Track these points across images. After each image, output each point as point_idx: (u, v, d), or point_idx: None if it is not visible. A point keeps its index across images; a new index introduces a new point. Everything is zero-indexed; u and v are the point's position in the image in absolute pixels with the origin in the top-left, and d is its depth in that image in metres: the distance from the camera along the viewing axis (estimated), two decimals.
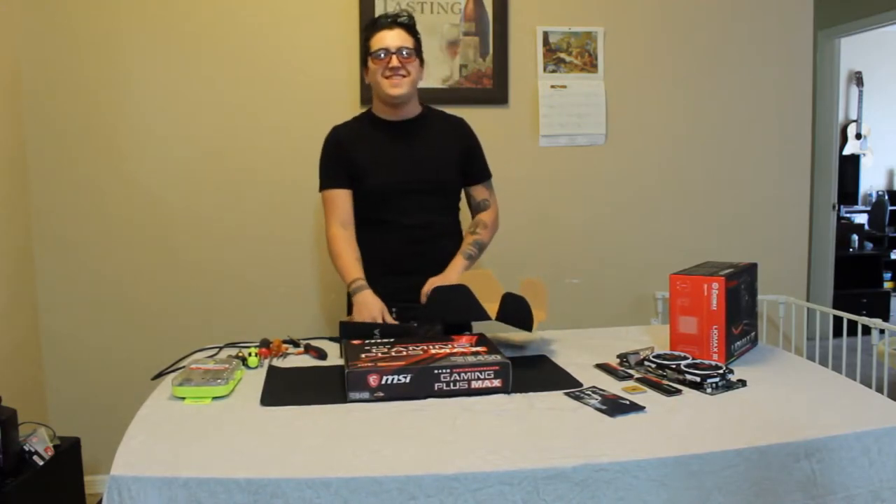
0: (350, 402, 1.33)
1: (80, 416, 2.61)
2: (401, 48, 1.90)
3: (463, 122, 2.11)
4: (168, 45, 2.58)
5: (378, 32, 1.93)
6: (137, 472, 1.05)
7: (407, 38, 1.93)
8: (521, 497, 1.05)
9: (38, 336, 2.62)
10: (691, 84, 2.85)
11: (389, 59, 1.90)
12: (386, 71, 1.91)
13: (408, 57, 1.91)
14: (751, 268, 1.69)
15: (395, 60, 1.89)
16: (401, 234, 1.98)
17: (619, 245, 2.86)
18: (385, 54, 1.90)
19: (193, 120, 2.62)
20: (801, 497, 1.14)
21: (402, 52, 1.90)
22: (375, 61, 1.92)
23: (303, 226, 2.70)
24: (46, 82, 2.54)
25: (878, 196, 6.59)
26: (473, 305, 1.65)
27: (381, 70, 1.91)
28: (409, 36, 1.94)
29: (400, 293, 1.73)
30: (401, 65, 1.89)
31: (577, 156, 2.81)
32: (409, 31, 1.95)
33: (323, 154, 2.03)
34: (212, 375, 1.41)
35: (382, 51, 1.90)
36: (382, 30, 1.92)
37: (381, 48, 1.91)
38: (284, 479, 1.04)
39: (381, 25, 1.94)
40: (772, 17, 2.87)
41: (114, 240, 2.62)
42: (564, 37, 2.76)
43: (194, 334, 2.48)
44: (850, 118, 6.45)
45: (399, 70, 1.90)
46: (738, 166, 2.91)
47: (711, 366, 1.45)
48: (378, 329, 1.69)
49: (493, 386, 1.38)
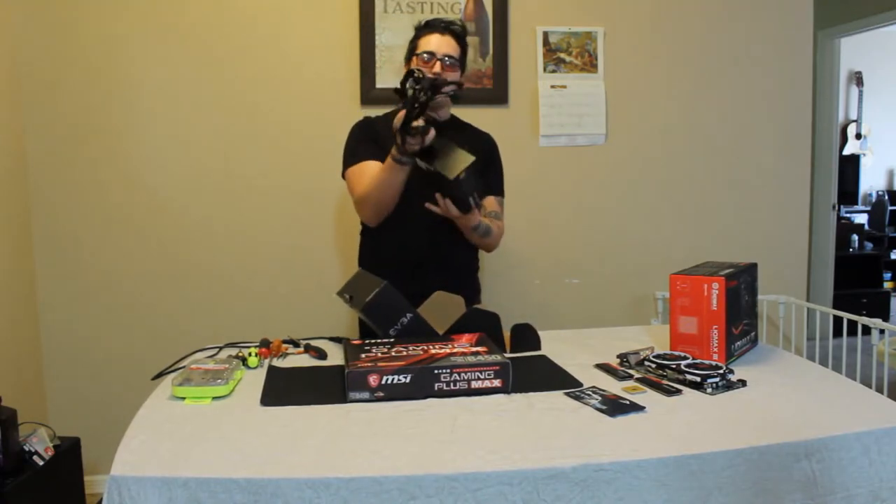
0: (350, 402, 1.33)
1: (80, 416, 2.61)
2: (446, 55, 1.91)
3: (492, 137, 2.13)
4: (169, 43, 2.58)
5: (428, 35, 1.93)
6: (137, 472, 1.05)
7: (455, 46, 1.93)
8: (520, 497, 1.05)
9: (38, 336, 2.62)
10: (691, 84, 2.85)
11: (433, 64, 1.90)
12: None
13: (450, 66, 1.92)
14: (751, 268, 1.69)
15: (438, 66, 1.90)
16: (420, 232, 1.97)
17: (619, 245, 2.86)
18: (429, 57, 1.91)
19: (194, 119, 2.62)
20: (801, 497, 1.14)
21: (445, 60, 1.91)
22: (419, 61, 1.93)
23: (303, 226, 2.70)
24: (47, 81, 2.54)
25: (878, 196, 6.59)
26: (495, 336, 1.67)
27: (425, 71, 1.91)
28: (458, 45, 1.95)
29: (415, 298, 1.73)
30: (441, 71, 1.90)
31: (577, 156, 2.81)
32: (459, 40, 1.95)
33: (352, 136, 2.02)
34: (212, 375, 1.41)
35: (427, 53, 1.91)
36: (434, 33, 1.93)
37: (427, 50, 1.91)
38: (284, 479, 1.04)
39: (434, 28, 1.94)
40: (772, 17, 2.87)
41: (114, 240, 2.62)
42: (564, 37, 2.76)
43: (194, 334, 2.49)
44: (850, 118, 6.45)
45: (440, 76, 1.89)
46: (738, 166, 2.91)
47: (711, 366, 1.45)
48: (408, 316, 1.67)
49: (493, 386, 1.38)
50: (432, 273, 1.97)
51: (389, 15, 2.60)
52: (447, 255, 2.03)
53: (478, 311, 1.76)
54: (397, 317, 1.63)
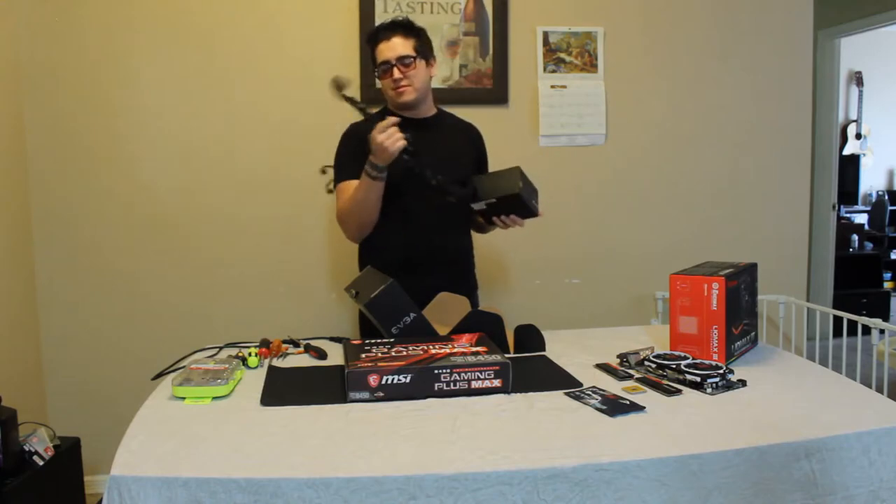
0: (350, 402, 1.34)
1: (80, 416, 2.61)
2: (401, 58, 1.91)
3: (475, 127, 2.16)
4: (169, 42, 2.58)
5: (378, 45, 1.94)
6: (137, 472, 1.05)
7: (405, 43, 1.92)
8: (520, 497, 1.05)
9: (38, 336, 2.62)
10: (691, 84, 2.85)
11: (392, 72, 1.91)
12: (391, 83, 1.93)
13: (408, 65, 1.92)
14: (751, 268, 1.69)
15: (397, 72, 1.91)
16: (417, 226, 1.98)
17: (619, 245, 2.86)
18: (387, 67, 1.92)
19: (193, 119, 2.62)
20: (800, 497, 1.14)
21: (402, 62, 1.91)
22: (382, 76, 1.95)
23: (303, 226, 2.70)
24: (47, 77, 2.54)
25: (878, 196, 6.59)
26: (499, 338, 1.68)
27: (388, 82, 1.94)
28: (408, 39, 1.93)
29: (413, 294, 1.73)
30: (403, 75, 1.91)
31: (577, 156, 2.81)
32: (408, 33, 1.94)
33: (341, 148, 2.03)
34: (212, 375, 1.42)
35: (384, 63, 1.92)
36: (381, 42, 1.93)
37: (382, 61, 1.92)
38: (284, 479, 1.04)
39: (381, 37, 1.94)
40: (772, 17, 2.87)
41: (115, 239, 2.62)
42: (564, 37, 2.76)
43: (194, 334, 2.49)
44: (850, 118, 6.45)
45: (402, 81, 1.91)
46: (738, 166, 2.91)
47: (711, 366, 1.45)
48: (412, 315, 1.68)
49: (493, 386, 1.38)
50: (431, 270, 1.98)
51: (389, 15, 2.60)
52: (445, 252, 2.04)
53: (481, 312, 1.76)
54: (400, 315, 1.64)
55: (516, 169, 1.87)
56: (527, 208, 1.88)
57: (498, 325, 1.71)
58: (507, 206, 1.87)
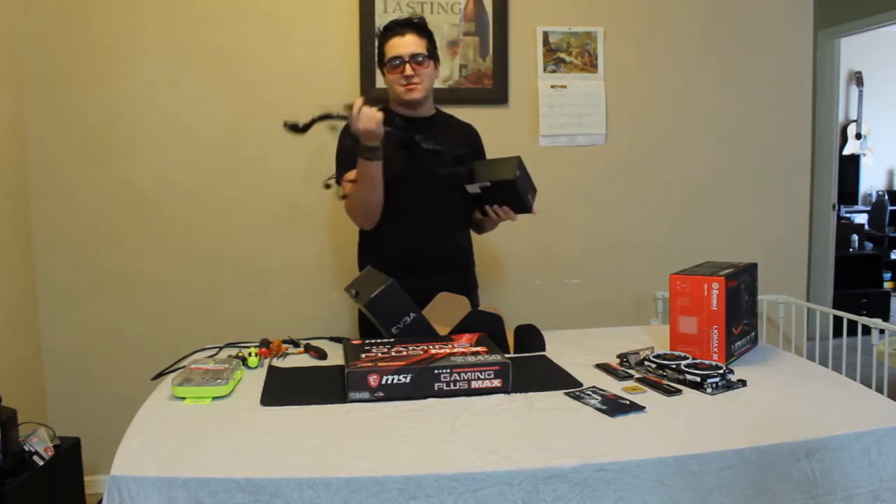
0: (350, 402, 1.34)
1: (80, 416, 2.61)
2: (414, 55, 1.92)
3: (473, 127, 2.16)
4: (170, 42, 2.58)
5: (391, 40, 1.94)
6: (137, 472, 1.05)
7: (419, 42, 1.94)
8: (520, 497, 1.05)
9: (38, 336, 2.62)
10: (691, 84, 2.85)
11: (404, 68, 1.92)
12: (402, 79, 1.93)
13: (421, 63, 1.93)
14: (751, 268, 1.69)
15: (409, 69, 1.91)
16: (417, 225, 1.98)
17: (619, 245, 2.86)
18: (399, 62, 1.92)
19: (194, 119, 2.62)
20: (800, 497, 1.14)
21: (416, 59, 1.92)
22: (391, 70, 1.95)
23: (303, 225, 2.70)
24: (47, 78, 2.54)
25: (878, 196, 6.59)
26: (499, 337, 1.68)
27: (398, 78, 1.94)
28: (422, 39, 1.95)
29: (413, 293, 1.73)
30: (414, 72, 1.92)
31: (577, 156, 2.81)
32: (421, 32, 1.96)
33: (339, 146, 2.04)
34: (212, 375, 1.42)
35: (396, 59, 1.92)
36: (395, 37, 1.94)
37: (394, 56, 1.93)
38: (284, 479, 1.04)
39: (394, 32, 1.95)
40: (772, 17, 2.87)
41: (114, 240, 2.62)
42: (564, 37, 2.76)
43: (194, 334, 2.49)
44: (850, 118, 6.45)
45: (413, 78, 1.92)
46: (738, 166, 2.91)
47: (711, 366, 1.45)
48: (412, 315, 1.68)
49: (493, 386, 1.38)
50: (431, 269, 1.98)
51: (389, 15, 2.60)
52: (445, 251, 2.04)
53: (481, 312, 1.77)
54: (400, 315, 1.64)
55: (516, 158, 1.86)
56: (521, 199, 1.87)
57: (498, 325, 1.71)
58: (501, 195, 1.87)
